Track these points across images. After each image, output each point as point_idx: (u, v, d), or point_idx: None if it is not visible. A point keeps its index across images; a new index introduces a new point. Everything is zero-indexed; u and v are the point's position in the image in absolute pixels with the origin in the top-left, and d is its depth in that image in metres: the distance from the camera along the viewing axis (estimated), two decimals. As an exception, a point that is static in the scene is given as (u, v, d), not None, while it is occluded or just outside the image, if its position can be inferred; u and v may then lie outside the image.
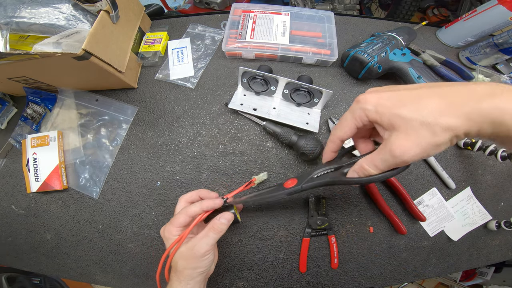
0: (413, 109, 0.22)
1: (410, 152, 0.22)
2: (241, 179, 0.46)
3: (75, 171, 0.48)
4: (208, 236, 0.33)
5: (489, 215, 0.46)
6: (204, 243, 0.32)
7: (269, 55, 0.52)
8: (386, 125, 0.24)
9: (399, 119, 0.22)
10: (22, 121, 0.50)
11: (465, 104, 0.20)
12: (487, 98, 0.19)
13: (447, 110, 0.20)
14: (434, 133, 0.21)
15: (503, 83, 0.51)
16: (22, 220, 0.47)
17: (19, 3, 0.41)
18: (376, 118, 0.24)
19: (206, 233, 0.33)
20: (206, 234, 0.33)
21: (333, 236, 0.44)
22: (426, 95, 0.22)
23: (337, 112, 0.50)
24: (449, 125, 0.20)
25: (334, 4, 1.04)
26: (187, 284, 0.32)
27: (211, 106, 0.50)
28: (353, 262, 0.44)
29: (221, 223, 0.33)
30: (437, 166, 0.46)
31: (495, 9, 0.47)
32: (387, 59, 0.46)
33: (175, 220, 0.34)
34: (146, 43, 0.53)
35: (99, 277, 0.45)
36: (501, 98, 0.19)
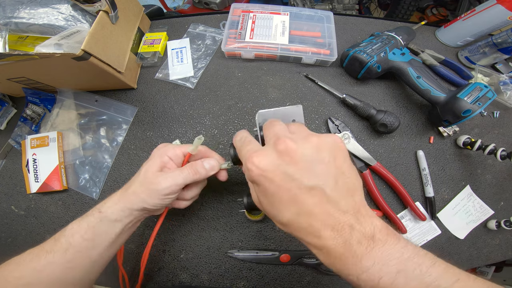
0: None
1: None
2: (240, 179, 0.46)
3: (75, 172, 0.48)
4: (182, 172, 0.31)
5: (491, 210, 0.46)
6: (172, 177, 0.31)
7: (269, 55, 0.52)
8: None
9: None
10: (22, 121, 0.50)
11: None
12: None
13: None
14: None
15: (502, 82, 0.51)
16: (22, 220, 0.47)
17: (18, 3, 0.41)
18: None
19: (181, 169, 0.32)
20: (180, 169, 0.32)
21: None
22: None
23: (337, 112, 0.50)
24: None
25: (333, 4, 1.04)
26: (123, 209, 0.31)
27: (210, 106, 0.50)
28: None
29: (202, 166, 0.32)
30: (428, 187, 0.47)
31: (494, 9, 0.47)
32: (386, 58, 0.46)
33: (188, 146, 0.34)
34: (145, 43, 0.53)
35: (99, 277, 0.45)
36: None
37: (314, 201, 0.20)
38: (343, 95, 0.48)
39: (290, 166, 0.21)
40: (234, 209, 0.45)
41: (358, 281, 0.20)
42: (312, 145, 0.22)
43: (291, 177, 0.21)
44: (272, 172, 0.21)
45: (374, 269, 0.19)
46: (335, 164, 0.22)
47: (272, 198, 0.22)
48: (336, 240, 0.20)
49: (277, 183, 0.21)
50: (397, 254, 0.19)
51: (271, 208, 0.23)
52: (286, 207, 0.21)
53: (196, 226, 0.45)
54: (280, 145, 0.21)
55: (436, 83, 0.45)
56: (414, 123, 0.50)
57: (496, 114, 0.52)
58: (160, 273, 0.44)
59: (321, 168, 0.21)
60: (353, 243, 0.20)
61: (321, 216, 0.20)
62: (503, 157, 0.42)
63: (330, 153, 0.22)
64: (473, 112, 0.40)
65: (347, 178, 0.22)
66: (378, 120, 0.45)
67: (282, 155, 0.21)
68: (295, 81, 0.52)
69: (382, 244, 0.20)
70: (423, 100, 0.48)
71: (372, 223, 0.21)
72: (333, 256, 0.20)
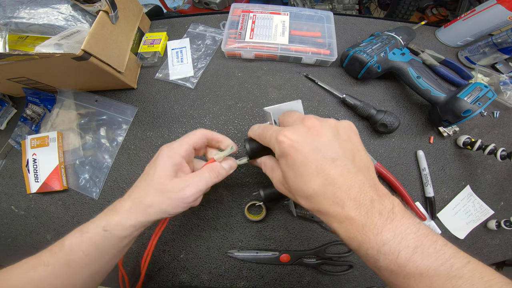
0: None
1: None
2: (240, 179, 0.46)
3: (75, 172, 0.48)
4: (203, 177, 0.30)
5: (491, 210, 0.46)
6: (195, 185, 0.29)
7: (269, 55, 0.52)
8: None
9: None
10: (22, 121, 0.50)
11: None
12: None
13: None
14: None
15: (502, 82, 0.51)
16: (22, 220, 0.47)
17: (18, 3, 0.41)
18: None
19: (201, 173, 0.30)
20: (201, 174, 0.30)
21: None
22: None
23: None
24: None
25: (333, 4, 1.04)
26: (136, 224, 0.29)
27: (210, 106, 0.50)
28: (353, 262, 0.44)
29: (222, 167, 0.31)
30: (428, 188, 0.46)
31: (494, 9, 0.47)
32: (386, 58, 0.46)
33: (192, 136, 0.32)
34: (145, 43, 0.53)
35: (99, 277, 0.45)
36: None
37: (337, 171, 0.22)
38: (343, 95, 0.48)
39: (316, 139, 0.24)
40: (234, 209, 0.45)
41: (378, 255, 0.20)
42: (332, 125, 0.25)
43: (318, 148, 0.23)
44: (301, 143, 0.23)
45: (394, 242, 0.20)
46: (352, 141, 0.25)
47: (299, 169, 0.23)
48: (358, 210, 0.21)
49: (305, 154, 0.23)
50: (414, 229, 0.20)
51: (299, 180, 0.24)
52: (313, 177, 0.23)
53: (196, 226, 0.45)
54: (308, 121, 0.25)
55: (436, 83, 0.45)
56: (414, 123, 0.50)
57: (496, 114, 0.52)
58: (160, 273, 0.44)
59: (341, 143, 0.24)
60: (375, 214, 0.21)
61: (345, 187, 0.22)
62: (503, 157, 0.42)
63: (346, 132, 0.25)
64: (473, 112, 0.40)
65: (362, 154, 0.25)
66: (378, 120, 0.45)
67: (310, 130, 0.24)
68: (295, 81, 0.52)
69: (401, 217, 0.21)
70: (423, 100, 0.48)
71: (389, 197, 0.22)
72: (355, 228, 0.21)
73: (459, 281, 0.18)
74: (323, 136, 0.24)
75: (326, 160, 0.23)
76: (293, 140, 0.24)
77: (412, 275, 0.19)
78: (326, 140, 0.24)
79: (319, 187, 0.22)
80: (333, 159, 0.23)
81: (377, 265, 0.21)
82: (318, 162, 0.23)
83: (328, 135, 0.24)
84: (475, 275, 0.18)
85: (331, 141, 0.24)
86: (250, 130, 0.31)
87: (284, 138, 0.24)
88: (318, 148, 0.23)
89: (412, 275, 0.19)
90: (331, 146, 0.23)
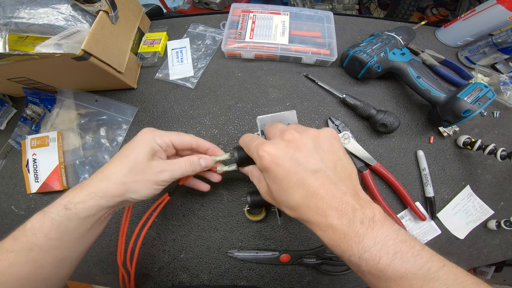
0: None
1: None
2: (240, 179, 0.46)
3: (75, 172, 0.48)
4: (181, 166, 0.31)
5: (491, 210, 0.46)
6: (171, 171, 0.30)
7: (269, 55, 0.52)
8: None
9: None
10: (22, 121, 0.50)
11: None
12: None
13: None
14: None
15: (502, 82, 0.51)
16: (22, 221, 0.46)
17: (18, 3, 0.41)
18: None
19: (179, 163, 0.32)
20: (179, 163, 0.31)
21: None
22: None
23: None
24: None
25: (333, 4, 1.04)
26: (99, 203, 0.28)
27: (210, 106, 0.50)
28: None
29: (198, 163, 0.32)
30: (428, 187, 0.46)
31: (494, 9, 0.47)
32: (386, 58, 0.46)
33: (177, 135, 0.33)
34: (145, 43, 0.53)
35: (99, 277, 0.45)
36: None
37: (318, 183, 0.23)
38: (343, 95, 0.48)
39: (296, 153, 0.24)
40: (234, 209, 0.45)
41: (360, 261, 0.21)
42: (312, 136, 0.25)
43: (298, 161, 0.24)
44: (281, 158, 0.24)
45: (375, 249, 0.21)
46: (333, 150, 0.25)
47: (282, 183, 0.24)
48: (341, 220, 0.22)
49: (286, 168, 0.23)
50: (394, 235, 0.21)
51: (282, 193, 0.24)
52: (295, 190, 0.23)
53: (196, 226, 0.45)
54: (287, 135, 0.25)
55: (436, 83, 0.45)
56: (414, 123, 0.50)
57: (496, 114, 0.52)
58: (160, 273, 0.44)
59: (321, 154, 0.25)
60: (356, 223, 0.22)
61: (326, 198, 0.22)
62: (503, 157, 0.42)
63: (327, 142, 0.26)
64: (473, 112, 0.40)
65: (344, 163, 0.25)
66: (378, 120, 0.45)
67: (289, 143, 0.25)
68: (295, 81, 0.52)
69: (381, 225, 0.22)
70: (423, 100, 0.48)
71: (371, 205, 0.23)
72: (338, 236, 0.22)
73: (435, 283, 0.19)
74: (303, 148, 0.24)
75: (307, 173, 0.23)
76: (272, 155, 0.24)
77: (393, 278, 0.20)
78: (306, 152, 0.24)
79: (301, 199, 0.23)
80: (314, 171, 0.23)
81: (360, 270, 0.22)
82: (299, 175, 0.23)
83: (308, 147, 0.24)
84: (450, 277, 0.20)
85: (312, 153, 0.24)
86: (241, 139, 0.32)
87: (264, 153, 0.25)
88: (298, 161, 0.24)
89: (393, 278, 0.20)
90: (311, 158, 0.24)
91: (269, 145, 0.25)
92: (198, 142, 0.35)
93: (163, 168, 0.30)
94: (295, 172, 0.23)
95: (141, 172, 0.29)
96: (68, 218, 0.27)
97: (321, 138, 0.26)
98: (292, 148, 0.24)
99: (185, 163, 0.32)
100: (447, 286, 0.19)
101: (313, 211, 0.23)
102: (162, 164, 0.31)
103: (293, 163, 0.23)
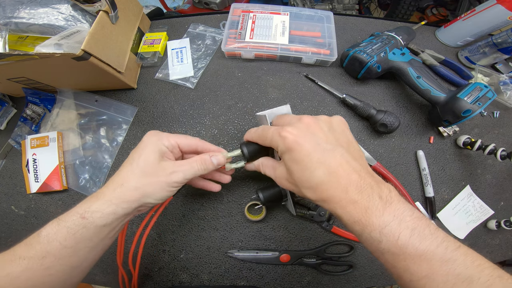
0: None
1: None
2: (241, 179, 0.46)
3: (75, 172, 0.48)
4: (192, 166, 0.31)
5: (491, 210, 0.46)
6: (183, 171, 0.30)
7: (269, 55, 0.52)
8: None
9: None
10: (22, 121, 0.50)
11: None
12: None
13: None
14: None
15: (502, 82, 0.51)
16: (22, 221, 0.47)
17: (18, 3, 0.41)
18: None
19: (190, 163, 0.31)
20: (190, 163, 0.31)
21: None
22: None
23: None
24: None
25: (333, 4, 1.04)
26: (116, 211, 0.28)
27: (210, 106, 0.50)
28: (353, 262, 0.44)
29: (211, 162, 0.32)
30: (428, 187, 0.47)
31: (494, 9, 0.47)
32: (386, 58, 0.46)
33: (183, 137, 0.33)
34: (145, 43, 0.53)
35: (99, 277, 0.45)
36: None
37: (337, 161, 0.25)
38: (343, 95, 0.48)
39: (315, 134, 0.26)
40: (234, 209, 0.45)
41: (381, 237, 0.22)
42: (326, 121, 0.28)
43: (317, 142, 0.26)
44: (303, 137, 0.26)
45: (394, 224, 0.21)
46: (344, 134, 0.28)
47: (304, 162, 0.25)
48: (361, 195, 0.23)
49: (308, 147, 0.25)
50: (410, 212, 0.22)
51: (304, 172, 0.25)
52: (316, 168, 0.25)
53: (196, 226, 0.45)
54: (306, 119, 0.27)
55: (436, 83, 0.45)
56: (414, 123, 0.50)
57: (496, 114, 0.52)
58: (160, 273, 0.44)
59: (336, 136, 0.27)
60: (375, 198, 0.23)
61: (345, 175, 0.24)
62: (503, 157, 0.42)
63: (339, 126, 0.28)
64: (473, 112, 0.40)
65: (354, 146, 0.28)
66: (378, 120, 0.45)
67: (308, 126, 0.27)
68: (295, 81, 0.52)
69: (397, 201, 0.23)
70: (423, 100, 0.48)
71: (385, 183, 0.25)
72: (359, 211, 0.23)
73: (454, 264, 0.20)
74: (320, 131, 0.27)
75: (326, 152, 0.25)
76: (295, 135, 0.26)
77: (412, 257, 0.20)
78: (323, 134, 0.26)
79: (323, 176, 0.24)
80: (331, 150, 0.25)
81: (380, 248, 0.22)
82: (319, 154, 0.25)
83: (324, 130, 0.27)
84: (467, 259, 0.20)
85: (327, 135, 0.26)
86: (247, 133, 0.33)
87: (287, 134, 0.26)
88: (317, 142, 0.25)
89: (412, 257, 0.20)
90: (328, 139, 0.26)
91: (291, 127, 0.27)
92: (204, 145, 0.35)
93: (174, 169, 0.30)
94: (316, 151, 0.25)
95: (152, 174, 0.29)
96: (85, 227, 0.27)
97: (333, 123, 0.28)
98: (310, 130, 0.26)
99: (196, 163, 0.31)
100: (465, 268, 0.19)
101: (334, 188, 0.24)
102: (173, 165, 0.30)
103: (313, 143, 0.25)
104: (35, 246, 0.26)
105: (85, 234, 0.27)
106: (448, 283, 0.19)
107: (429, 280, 0.20)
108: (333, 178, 0.24)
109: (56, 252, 0.26)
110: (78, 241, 0.27)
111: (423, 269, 0.20)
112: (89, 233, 0.27)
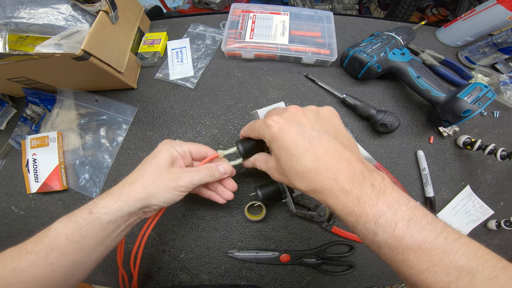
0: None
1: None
2: (241, 179, 0.46)
3: (75, 172, 0.48)
4: (199, 172, 0.32)
5: (491, 210, 0.46)
6: (190, 176, 0.31)
7: (269, 55, 0.52)
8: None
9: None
10: (22, 121, 0.50)
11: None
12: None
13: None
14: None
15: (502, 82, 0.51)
16: (22, 221, 0.47)
17: (18, 3, 0.41)
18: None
19: (198, 169, 0.33)
20: (197, 170, 0.32)
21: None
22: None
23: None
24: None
25: (333, 4, 1.04)
26: (121, 209, 0.28)
27: (210, 106, 0.50)
28: (353, 262, 0.44)
29: (217, 170, 0.33)
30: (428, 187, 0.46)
31: (494, 9, 0.47)
32: (386, 58, 0.46)
33: (195, 145, 0.35)
34: (145, 43, 0.53)
35: (99, 277, 0.45)
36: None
37: (323, 148, 0.24)
38: (343, 95, 0.48)
39: (301, 122, 0.26)
40: (234, 209, 0.45)
41: (376, 228, 0.20)
42: (313, 110, 0.28)
43: (303, 129, 0.25)
44: (288, 125, 0.26)
45: (389, 214, 0.20)
46: (333, 123, 0.28)
47: (290, 149, 0.25)
48: (352, 183, 0.22)
49: (293, 134, 0.25)
50: (405, 201, 0.21)
51: (290, 160, 0.25)
52: (303, 155, 0.24)
53: (196, 226, 0.45)
54: (291, 108, 0.27)
55: (436, 83, 0.45)
56: (414, 123, 0.50)
57: (496, 114, 0.52)
58: (160, 273, 0.44)
59: (322, 124, 0.27)
60: (367, 186, 0.22)
61: (334, 162, 0.23)
62: (503, 157, 0.42)
63: (328, 115, 0.28)
64: (473, 112, 0.40)
65: (344, 134, 0.27)
66: (378, 120, 0.45)
67: (294, 114, 0.27)
68: (295, 81, 0.52)
69: (391, 189, 0.21)
70: (423, 100, 0.48)
71: (377, 171, 0.23)
72: (351, 201, 0.22)
73: (455, 256, 0.18)
74: (306, 119, 0.26)
75: (312, 138, 0.25)
76: (280, 123, 0.26)
77: (412, 249, 0.19)
78: (309, 122, 0.26)
79: (310, 163, 0.24)
80: (317, 137, 0.25)
81: (376, 241, 0.21)
82: (305, 141, 0.24)
83: (310, 118, 0.27)
84: (469, 249, 0.19)
85: (313, 123, 0.26)
86: (242, 130, 0.34)
87: (272, 122, 0.26)
88: (303, 129, 0.25)
89: (411, 249, 0.19)
90: (315, 126, 0.26)
91: (276, 116, 0.27)
92: (213, 152, 0.37)
93: (181, 174, 0.31)
94: (302, 138, 0.25)
95: (161, 176, 0.31)
96: (91, 222, 0.28)
97: (321, 112, 0.28)
98: (297, 118, 0.26)
99: (203, 169, 0.33)
100: (468, 259, 0.18)
101: (323, 175, 0.23)
102: (181, 170, 0.32)
103: (299, 130, 0.25)
104: (43, 240, 0.27)
105: (90, 230, 0.28)
106: (451, 276, 0.18)
107: (430, 273, 0.19)
108: (321, 165, 0.23)
109: (62, 247, 0.27)
110: (83, 236, 0.28)
111: (423, 261, 0.19)
112: (94, 229, 0.28)
